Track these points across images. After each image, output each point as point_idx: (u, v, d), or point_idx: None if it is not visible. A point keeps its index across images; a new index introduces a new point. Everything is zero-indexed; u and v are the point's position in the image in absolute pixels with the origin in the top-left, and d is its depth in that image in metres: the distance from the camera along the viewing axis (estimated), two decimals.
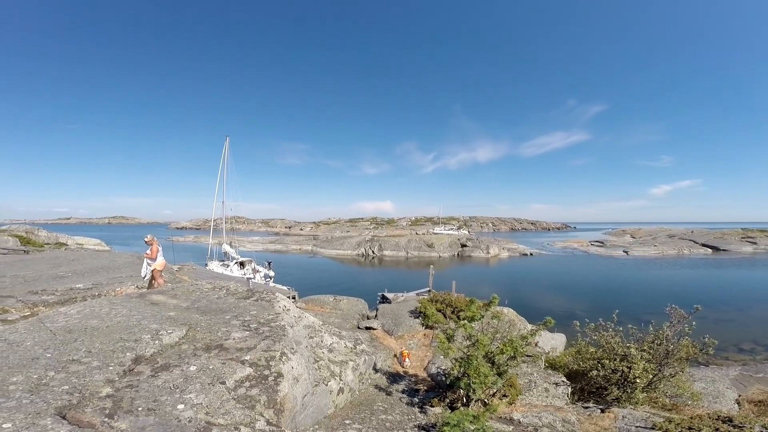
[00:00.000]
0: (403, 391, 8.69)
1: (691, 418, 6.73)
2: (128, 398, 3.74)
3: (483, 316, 8.44)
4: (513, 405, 8.03)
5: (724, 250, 78.71)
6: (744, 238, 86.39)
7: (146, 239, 11.03)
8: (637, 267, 58.93)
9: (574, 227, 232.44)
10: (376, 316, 16.91)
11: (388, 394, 8.34)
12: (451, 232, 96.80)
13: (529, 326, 15.81)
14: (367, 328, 14.81)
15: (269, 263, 35.71)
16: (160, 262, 11.12)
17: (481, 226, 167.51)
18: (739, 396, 12.25)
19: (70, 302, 9.79)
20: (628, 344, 8.98)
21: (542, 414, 7.40)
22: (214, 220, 41.90)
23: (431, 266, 30.17)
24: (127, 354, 4.77)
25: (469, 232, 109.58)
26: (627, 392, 8.48)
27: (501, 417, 7.22)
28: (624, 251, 77.19)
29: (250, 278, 28.43)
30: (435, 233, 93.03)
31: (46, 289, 11.43)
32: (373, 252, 74.89)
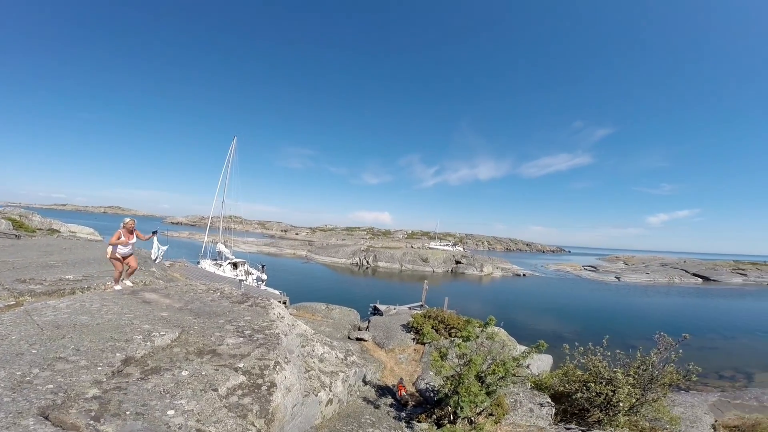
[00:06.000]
0: (391, 405, 8.64)
1: None
2: (116, 401, 3.67)
3: (478, 336, 8.48)
4: (498, 424, 8.00)
5: (714, 280, 79.22)
6: (735, 269, 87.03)
7: (129, 222, 9.20)
8: (627, 293, 59.13)
9: (569, 251, 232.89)
10: (367, 327, 16.82)
11: (377, 407, 8.28)
12: (446, 247, 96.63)
13: (519, 347, 15.94)
14: (358, 339, 14.72)
15: (263, 266, 35.42)
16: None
17: (477, 244, 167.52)
18: (716, 421, 12.32)
19: (59, 294, 9.64)
20: (614, 369, 9.10)
21: None
22: (211, 218, 41.65)
23: (425, 281, 30.11)
24: (117, 354, 4.70)
25: (464, 249, 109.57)
26: (609, 415, 8.59)
27: None
28: (616, 277, 77.45)
29: (243, 280, 28.21)
30: (430, 248, 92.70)
31: (35, 278, 11.21)
32: (367, 262, 74.57)
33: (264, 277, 33.24)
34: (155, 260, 10.50)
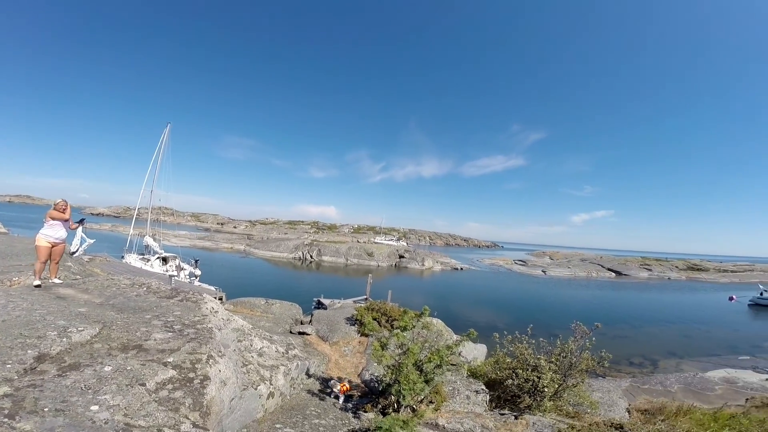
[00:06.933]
0: (336, 397, 8.70)
1: (590, 425, 7.57)
2: (31, 398, 3.34)
3: (415, 326, 8.78)
4: (438, 411, 8.40)
5: (625, 274, 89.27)
6: (642, 265, 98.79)
7: (60, 203, 7.84)
8: (552, 286, 64.59)
9: (502, 246, 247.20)
10: (310, 321, 16.62)
11: (322, 399, 8.29)
12: (390, 242, 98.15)
13: (455, 337, 16.53)
14: (301, 333, 14.50)
15: (196, 261, 33.33)
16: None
17: (419, 239, 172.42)
18: (629, 405, 13.79)
19: None
20: (538, 356, 9.80)
21: (464, 420, 7.85)
22: (138, 209, 38.22)
23: (369, 275, 30.43)
24: (29, 351, 4.24)
25: (407, 243, 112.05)
26: (537, 400, 9.27)
27: (428, 422, 7.54)
28: (542, 271, 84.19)
29: (174, 276, 26.37)
30: (376, 242, 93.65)
31: None
32: (311, 256, 73.36)
33: (197, 272, 31.32)
34: (73, 253, 9.28)
